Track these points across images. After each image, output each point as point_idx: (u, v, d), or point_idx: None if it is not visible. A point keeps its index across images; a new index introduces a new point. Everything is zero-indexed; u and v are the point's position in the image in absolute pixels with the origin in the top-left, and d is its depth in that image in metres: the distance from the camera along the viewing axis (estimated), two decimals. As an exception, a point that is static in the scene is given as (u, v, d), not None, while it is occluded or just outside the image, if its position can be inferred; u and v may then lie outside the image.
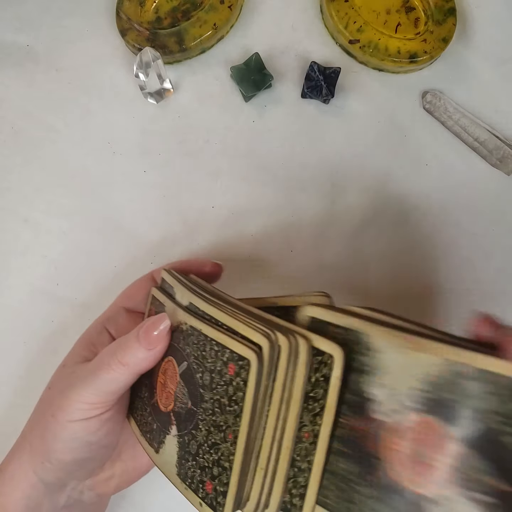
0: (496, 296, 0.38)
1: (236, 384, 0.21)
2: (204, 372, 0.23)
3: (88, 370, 0.26)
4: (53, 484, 0.27)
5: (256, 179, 0.39)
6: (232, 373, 0.22)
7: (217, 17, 0.39)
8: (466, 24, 0.42)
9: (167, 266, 0.31)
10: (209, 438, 0.23)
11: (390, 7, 0.41)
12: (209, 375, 0.23)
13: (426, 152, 0.39)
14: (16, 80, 0.41)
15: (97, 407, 0.25)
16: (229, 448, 0.22)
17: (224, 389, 0.22)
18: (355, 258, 0.38)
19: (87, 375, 0.26)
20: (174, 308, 0.27)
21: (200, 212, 0.39)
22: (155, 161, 0.39)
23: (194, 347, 0.24)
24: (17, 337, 0.37)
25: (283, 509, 0.22)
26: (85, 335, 0.30)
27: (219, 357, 0.22)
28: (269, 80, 0.38)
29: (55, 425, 0.26)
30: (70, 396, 0.25)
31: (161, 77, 0.38)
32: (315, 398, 0.22)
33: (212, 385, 0.23)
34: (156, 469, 0.35)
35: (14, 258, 0.38)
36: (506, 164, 0.39)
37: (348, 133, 0.40)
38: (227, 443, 0.22)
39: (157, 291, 0.29)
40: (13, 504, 0.26)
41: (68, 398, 0.25)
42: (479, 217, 0.39)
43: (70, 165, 0.39)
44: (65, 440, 0.26)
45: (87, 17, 0.42)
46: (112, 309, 0.31)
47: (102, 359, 0.26)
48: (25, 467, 0.27)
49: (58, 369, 0.30)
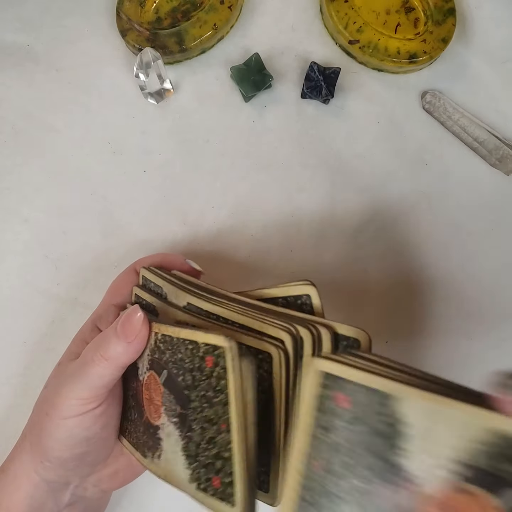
0: (496, 296, 0.39)
1: (217, 374, 0.22)
2: (185, 373, 0.23)
3: (76, 366, 0.26)
4: (55, 482, 0.27)
5: (256, 179, 0.39)
6: (211, 365, 0.22)
7: (217, 17, 0.39)
8: (466, 25, 0.42)
9: (146, 262, 0.31)
10: (204, 435, 0.23)
11: (389, 7, 0.41)
12: (190, 375, 0.23)
13: (426, 152, 0.40)
14: (16, 80, 0.41)
15: (89, 402, 0.25)
16: (224, 438, 0.22)
17: (207, 383, 0.22)
18: (355, 258, 0.38)
19: (75, 372, 0.26)
20: (167, 308, 0.26)
21: (200, 212, 0.39)
22: (155, 161, 0.39)
23: (170, 353, 0.24)
24: (17, 337, 0.37)
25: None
26: (79, 334, 0.31)
27: (195, 354, 0.23)
28: (269, 80, 0.38)
29: (50, 424, 0.26)
30: (62, 393, 0.25)
31: (161, 77, 0.38)
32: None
33: (194, 383, 0.23)
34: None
35: (14, 258, 0.38)
36: (506, 164, 0.39)
37: (348, 133, 0.40)
38: (221, 434, 0.22)
39: (140, 290, 0.29)
40: (16, 504, 0.26)
41: (60, 396, 0.25)
42: (479, 217, 0.39)
43: (70, 165, 0.39)
44: (61, 438, 0.26)
45: (87, 17, 0.42)
46: (102, 306, 0.32)
47: (87, 354, 0.26)
48: (26, 467, 0.27)
49: (54, 368, 0.30)
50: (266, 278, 0.38)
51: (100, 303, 0.32)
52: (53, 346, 0.37)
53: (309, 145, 0.39)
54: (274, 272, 0.38)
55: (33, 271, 0.38)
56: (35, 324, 0.37)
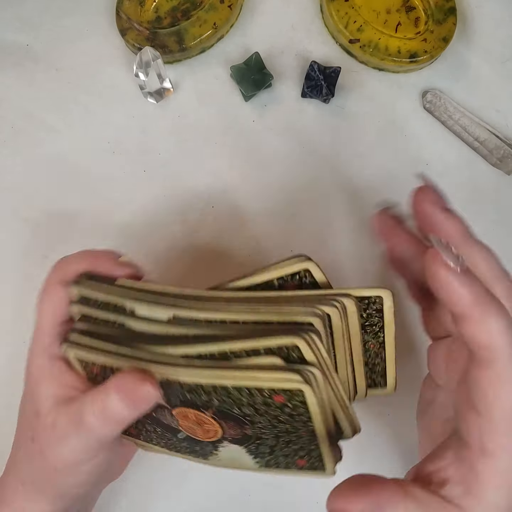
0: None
1: (293, 406, 0.20)
2: (242, 406, 0.21)
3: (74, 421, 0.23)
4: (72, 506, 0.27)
5: (256, 179, 0.39)
6: (282, 401, 0.20)
7: (217, 16, 0.39)
8: (466, 24, 0.42)
9: (68, 271, 0.26)
10: (280, 440, 0.22)
11: (390, 6, 0.41)
12: (250, 408, 0.21)
13: (426, 152, 0.39)
14: (16, 80, 0.41)
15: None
16: (307, 441, 0.21)
17: (279, 411, 0.20)
18: (355, 258, 0.38)
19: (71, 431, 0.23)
20: (140, 324, 0.23)
21: (200, 212, 0.39)
22: (155, 161, 0.39)
23: (208, 397, 0.21)
24: (16, 337, 0.37)
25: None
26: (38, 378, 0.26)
27: (257, 396, 0.20)
28: (269, 80, 0.38)
29: (61, 477, 0.25)
30: (64, 457, 0.24)
31: (161, 77, 0.38)
32: (372, 324, 0.24)
33: (259, 411, 0.21)
34: (156, 469, 0.35)
35: (14, 258, 0.38)
36: (506, 164, 0.39)
37: (348, 132, 0.40)
38: (302, 438, 0.21)
39: (85, 307, 0.24)
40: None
41: (62, 459, 0.24)
42: (479, 217, 0.39)
43: (70, 165, 0.39)
44: (74, 481, 0.25)
45: (87, 16, 0.42)
46: (44, 334, 0.26)
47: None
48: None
49: (32, 421, 0.26)
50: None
51: (37, 332, 0.27)
52: (53, 346, 0.37)
53: (309, 145, 0.39)
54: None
55: (32, 271, 0.38)
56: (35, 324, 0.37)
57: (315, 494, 0.37)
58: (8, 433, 0.30)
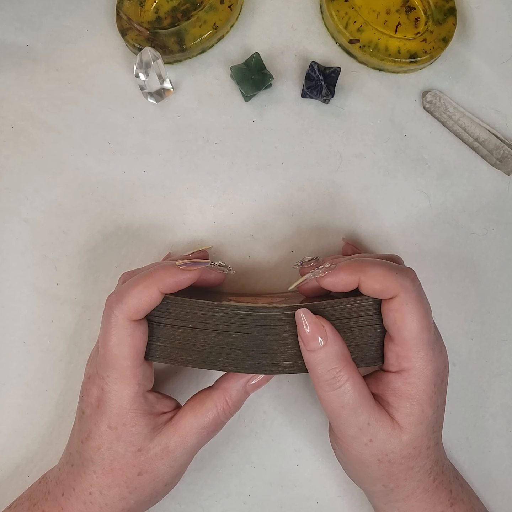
0: (496, 296, 0.38)
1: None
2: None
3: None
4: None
5: (256, 179, 0.39)
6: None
7: (217, 17, 0.39)
8: (466, 24, 0.42)
9: (167, 283, 0.27)
10: None
11: (390, 7, 0.41)
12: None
13: (426, 152, 0.39)
14: (16, 80, 0.41)
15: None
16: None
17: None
18: (355, 258, 0.38)
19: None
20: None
21: (200, 212, 0.39)
22: (155, 161, 0.39)
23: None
24: (17, 337, 0.37)
25: None
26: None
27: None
28: (269, 80, 0.38)
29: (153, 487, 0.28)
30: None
31: (161, 77, 0.38)
32: None
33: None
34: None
35: (14, 258, 0.38)
36: (506, 164, 0.39)
37: (348, 132, 0.40)
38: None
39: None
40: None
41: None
42: (479, 217, 0.39)
43: (70, 165, 0.39)
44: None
45: (87, 17, 0.42)
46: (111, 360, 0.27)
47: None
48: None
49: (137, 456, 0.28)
50: (267, 278, 0.38)
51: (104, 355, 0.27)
52: (53, 346, 0.37)
53: (309, 145, 0.39)
54: (275, 272, 0.38)
55: (32, 271, 0.38)
56: (35, 324, 0.37)
57: (315, 494, 0.37)
58: (7, 433, 0.30)
